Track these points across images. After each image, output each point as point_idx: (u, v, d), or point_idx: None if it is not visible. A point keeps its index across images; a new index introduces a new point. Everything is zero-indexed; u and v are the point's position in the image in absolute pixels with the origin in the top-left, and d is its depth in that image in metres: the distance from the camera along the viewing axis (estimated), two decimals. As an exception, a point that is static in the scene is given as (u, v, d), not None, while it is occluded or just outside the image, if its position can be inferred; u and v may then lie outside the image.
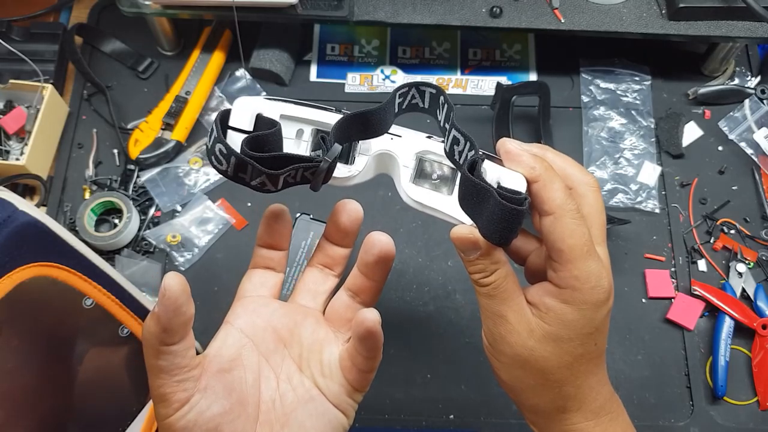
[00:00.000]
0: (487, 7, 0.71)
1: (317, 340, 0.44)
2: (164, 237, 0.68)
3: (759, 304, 0.66)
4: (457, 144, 0.39)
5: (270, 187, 0.39)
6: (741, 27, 0.70)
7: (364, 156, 0.43)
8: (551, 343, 0.38)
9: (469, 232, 0.38)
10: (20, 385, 0.42)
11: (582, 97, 0.77)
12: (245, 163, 0.37)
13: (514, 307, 0.39)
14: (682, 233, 0.71)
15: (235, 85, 0.77)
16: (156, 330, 0.37)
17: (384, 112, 0.41)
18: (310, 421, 0.42)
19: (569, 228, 0.37)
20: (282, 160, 0.38)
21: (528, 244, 0.44)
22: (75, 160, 0.73)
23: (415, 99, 0.43)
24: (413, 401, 0.63)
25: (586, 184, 0.41)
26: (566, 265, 0.37)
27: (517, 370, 0.40)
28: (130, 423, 0.51)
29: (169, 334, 0.37)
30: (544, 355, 0.39)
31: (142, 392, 0.52)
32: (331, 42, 0.81)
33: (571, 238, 0.37)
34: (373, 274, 0.45)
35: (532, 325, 0.39)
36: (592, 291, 0.38)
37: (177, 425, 0.38)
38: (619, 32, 0.71)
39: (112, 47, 0.79)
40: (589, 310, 0.38)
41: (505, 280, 0.39)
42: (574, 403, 0.40)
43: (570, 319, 0.38)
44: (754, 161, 0.74)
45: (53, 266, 0.42)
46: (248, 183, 0.38)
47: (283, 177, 0.38)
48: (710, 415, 0.63)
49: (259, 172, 0.37)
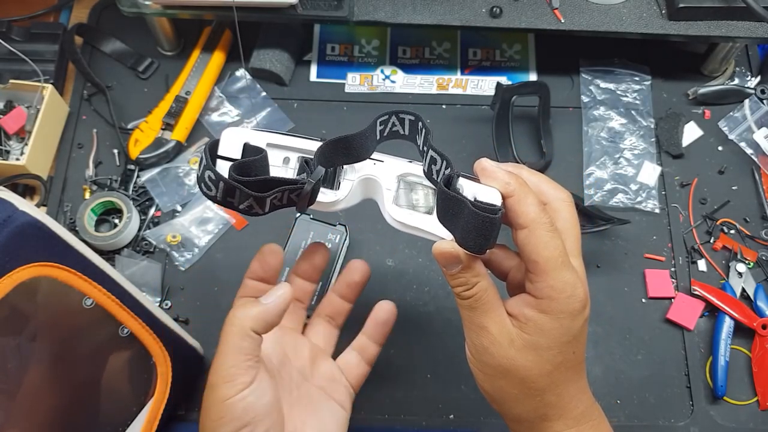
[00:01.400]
0: (487, 7, 0.71)
1: (313, 356, 0.53)
2: (164, 237, 0.68)
3: (759, 304, 0.66)
4: (434, 164, 0.42)
5: (258, 210, 0.41)
6: (741, 27, 0.70)
7: (348, 181, 0.45)
8: (531, 352, 0.40)
9: (450, 247, 0.40)
10: (20, 385, 0.42)
11: (582, 97, 0.77)
12: (233, 187, 0.40)
13: (495, 318, 0.41)
14: (682, 233, 0.71)
15: (235, 85, 0.77)
16: (258, 318, 0.43)
17: (365, 138, 0.43)
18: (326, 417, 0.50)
19: (543, 240, 0.39)
20: (268, 184, 0.41)
21: (509, 259, 0.47)
22: (75, 160, 0.73)
23: (396, 126, 0.45)
24: (413, 401, 0.63)
25: (559, 199, 0.43)
26: (542, 275, 0.39)
27: (500, 380, 0.42)
28: (130, 423, 0.51)
29: (265, 328, 0.44)
30: (525, 364, 0.40)
31: (142, 392, 0.52)
32: (331, 42, 0.81)
33: (545, 250, 0.39)
34: (378, 337, 0.55)
35: (512, 336, 0.41)
36: (568, 300, 0.40)
37: (238, 405, 0.42)
38: (619, 32, 0.71)
39: (112, 47, 0.79)
40: (566, 319, 0.40)
41: (486, 292, 0.41)
42: (556, 411, 0.42)
43: (548, 328, 0.40)
44: (754, 161, 0.74)
45: (53, 266, 0.42)
46: (237, 207, 0.41)
47: (270, 200, 0.41)
48: (710, 415, 0.63)
49: (247, 195, 0.40)
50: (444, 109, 0.77)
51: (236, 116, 0.76)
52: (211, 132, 0.75)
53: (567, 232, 0.42)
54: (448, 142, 0.75)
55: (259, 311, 0.44)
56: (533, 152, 0.75)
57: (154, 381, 0.52)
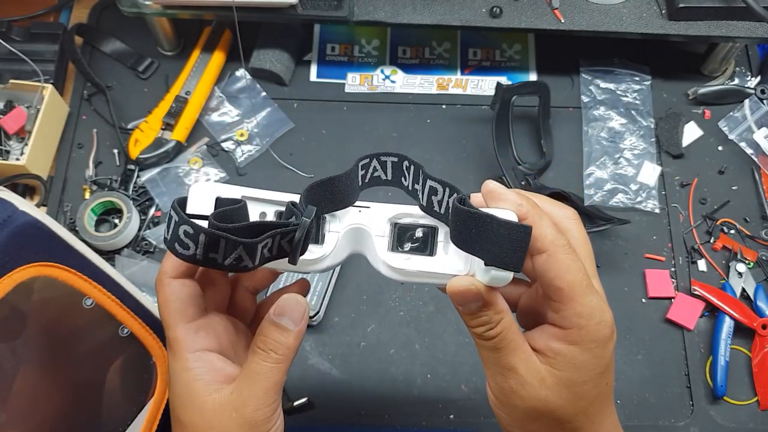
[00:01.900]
0: (487, 7, 0.71)
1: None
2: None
3: (759, 304, 0.66)
4: (435, 194, 0.38)
5: (247, 262, 0.36)
6: (741, 27, 0.70)
7: (334, 233, 0.40)
8: (565, 390, 0.37)
9: (468, 283, 0.36)
10: (20, 385, 0.42)
11: (582, 97, 0.77)
12: (217, 237, 0.34)
13: (522, 356, 0.37)
14: (682, 233, 0.71)
15: (235, 85, 0.77)
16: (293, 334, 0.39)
17: (349, 179, 0.39)
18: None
19: (565, 264, 0.36)
20: (257, 228, 0.35)
21: (516, 288, 0.43)
22: (75, 160, 0.73)
23: (377, 171, 0.41)
24: (413, 401, 0.63)
25: (567, 218, 0.40)
26: (568, 303, 0.36)
27: (531, 424, 0.38)
28: (130, 423, 0.51)
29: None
30: (559, 404, 0.37)
31: (142, 392, 0.52)
32: (331, 42, 0.81)
33: (569, 274, 0.36)
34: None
35: (542, 374, 0.37)
36: (598, 327, 0.36)
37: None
38: (619, 32, 0.71)
39: (112, 47, 0.79)
40: (598, 348, 0.36)
41: (510, 329, 0.37)
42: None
43: (581, 361, 0.36)
44: (754, 161, 0.74)
45: (53, 266, 0.42)
46: (222, 264, 0.35)
47: (261, 247, 0.35)
48: (710, 415, 0.63)
49: (235, 245, 0.34)
50: (444, 109, 0.77)
51: (236, 116, 0.76)
52: (211, 132, 0.75)
53: (580, 250, 0.39)
54: (448, 142, 0.75)
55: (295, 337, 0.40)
56: (533, 152, 0.75)
57: (154, 381, 0.52)
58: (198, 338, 0.40)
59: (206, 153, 0.73)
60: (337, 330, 0.66)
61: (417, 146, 0.74)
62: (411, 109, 0.77)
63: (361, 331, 0.66)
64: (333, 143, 0.75)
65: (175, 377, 0.40)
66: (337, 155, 0.74)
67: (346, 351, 0.65)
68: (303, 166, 0.73)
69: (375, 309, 0.67)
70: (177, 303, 0.40)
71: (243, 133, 0.74)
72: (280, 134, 0.75)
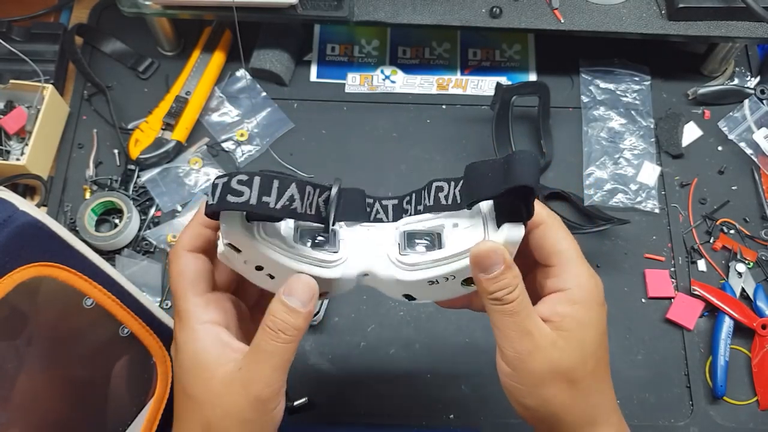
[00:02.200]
0: (487, 7, 0.71)
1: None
2: (165, 237, 0.68)
3: (758, 304, 0.66)
4: (441, 191, 0.40)
5: (297, 205, 0.36)
6: (741, 27, 0.70)
7: (348, 240, 0.41)
8: (576, 349, 0.39)
9: (491, 245, 0.37)
10: (20, 385, 0.42)
11: (582, 97, 0.77)
12: (271, 178, 0.35)
13: (536, 320, 0.39)
14: (681, 233, 0.71)
15: (235, 85, 0.77)
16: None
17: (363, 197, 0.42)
18: None
19: (561, 234, 0.40)
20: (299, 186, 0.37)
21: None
22: (75, 160, 0.73)
23: (380, 214, 0.43)
24: (413, 401, 0.63)
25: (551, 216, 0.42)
26: (566, 265, 0.40)
27: (545, 389, 0.39)
28: (130, 423, 0.51)
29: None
30: (571, 364, 0.39)
31: (142, 392, 0.52)
32: (331, 42, 0.81)
33: (564, 241, 0.40)
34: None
35: (553, 336, 0.39)
36: (596, 288, 0.40)
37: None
38: (618, 32, 0.71)
39: (112, 47, 0.79)
40: (598, 306, 0.40)
41: (525, 294, 0.39)
42: (602, 414, 0.41)
43: (586, 319, 0.39)
44: (754, 161, 0.74)
45: (53, 266, 0.42)
46: (273, 207, 0.35)
47: (308, 190, 0.37)
48: (710, 415, 0.63)
49: (287, 184, 0.35)
50: (444, 109, 0.77)
51: (236, 116, 0.76)
52: (211, 132, 0.75)
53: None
54: (448, 142, 0.75)
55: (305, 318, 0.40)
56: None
57: (154, 381, 0.52)
58: (208, 311, 0.40)
59: (206, 153, 0.74)
60: (337, 330, 0.66)
61: (417, 146, 0.74)
62: (411, 110, 0.77)
63: (361, 331, 0.66)
64: (333, 143, 0.75)
65: (183, 348, 0.40)
66: (337, 155, 0.74)
67: (346, 351, 0.65)
68: (303, 167, 0.73)
69: (375, 309, 0.67)
70: (191, 275, 0.41)
71: (243, 133, 0.74)
72: (280, 134, 0.75)
